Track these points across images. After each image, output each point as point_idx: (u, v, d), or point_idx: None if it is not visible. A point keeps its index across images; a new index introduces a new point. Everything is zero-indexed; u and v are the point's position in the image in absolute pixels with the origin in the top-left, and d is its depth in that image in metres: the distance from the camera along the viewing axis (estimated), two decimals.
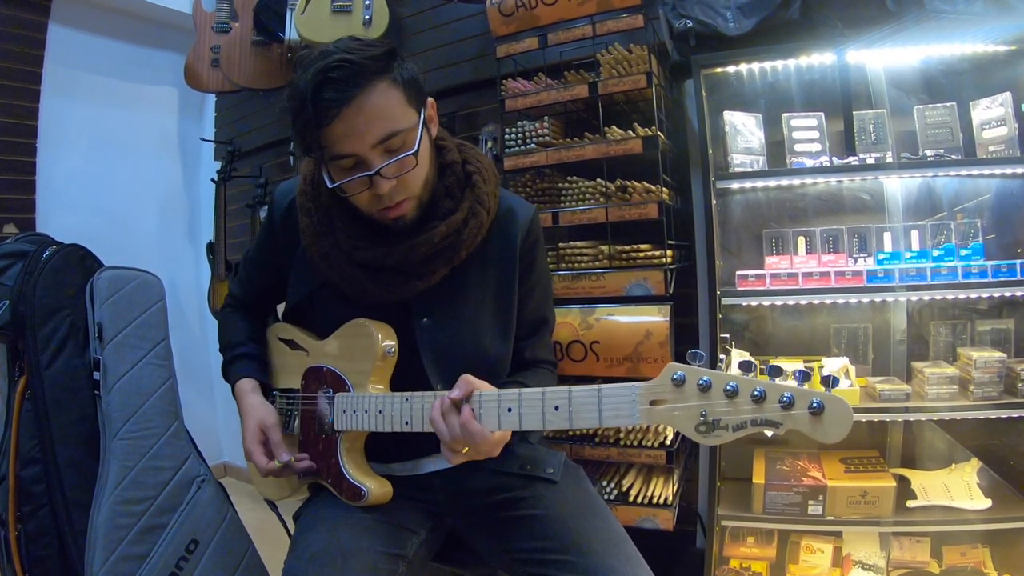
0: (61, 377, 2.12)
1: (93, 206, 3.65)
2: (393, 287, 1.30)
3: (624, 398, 0.95)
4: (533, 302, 1.46)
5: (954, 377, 1.98)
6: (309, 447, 1.38)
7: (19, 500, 2.08)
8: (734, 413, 0.87)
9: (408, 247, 1.26)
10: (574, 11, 2.22)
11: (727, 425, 0.87)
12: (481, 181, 1.35)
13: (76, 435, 2.10)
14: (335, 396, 1.34)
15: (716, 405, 0.88)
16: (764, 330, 2.37)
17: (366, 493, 1.29)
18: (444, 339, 1.34)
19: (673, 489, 2.11)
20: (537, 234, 1.45)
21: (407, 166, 1.20)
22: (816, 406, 0.85)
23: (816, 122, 2.17)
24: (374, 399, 1.28)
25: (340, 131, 1.14)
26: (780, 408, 0.84)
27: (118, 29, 3.80)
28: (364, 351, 1.32)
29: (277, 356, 1.54)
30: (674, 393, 0.91)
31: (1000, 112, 1.99)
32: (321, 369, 1.39)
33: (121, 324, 2.13)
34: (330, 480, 1.34)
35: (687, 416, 0.89)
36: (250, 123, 3.98)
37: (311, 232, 1.33)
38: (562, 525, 1.26)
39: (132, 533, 2.01)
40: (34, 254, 2.18)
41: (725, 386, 0.87)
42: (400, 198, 1.24)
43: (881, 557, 2.09)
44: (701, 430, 0.88)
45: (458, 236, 1.30)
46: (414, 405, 1.23)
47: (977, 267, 1.91)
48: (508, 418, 1.08)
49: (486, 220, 1.34)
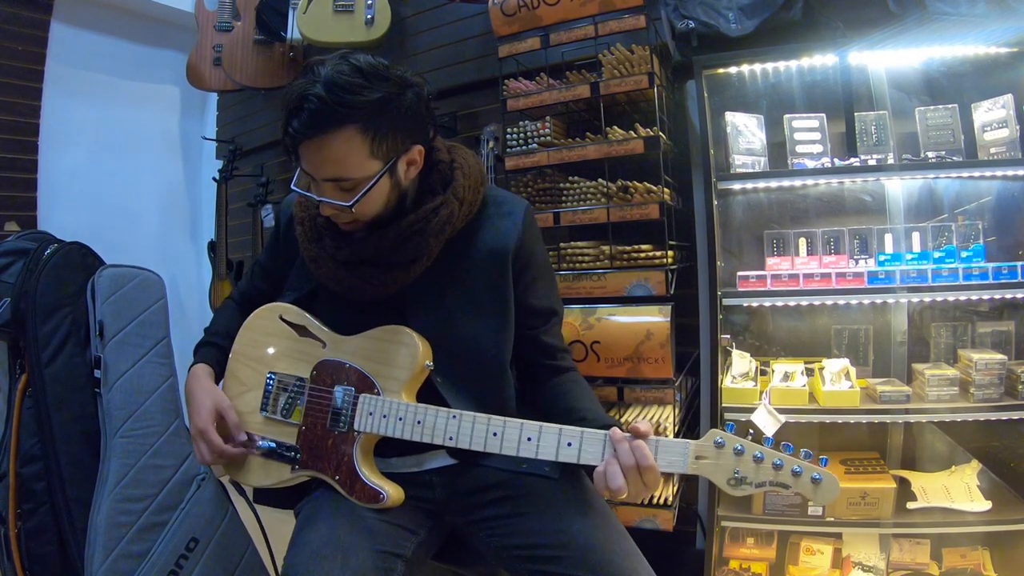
0: (62, 375, 2.12)
1: (95, 204, 3.65)
2: (374, 280, 1.32)
3: (678, 451, 1.12)
4: (538, 293, 1.45)
5: (954, 379, 1.98)
6: (312, 440, 1.36)
7: (20, 497, 2.09)
8: (757, 475, 1.08)
9: (378, 236, 1.30)
10: (576, 11, 2.22)
11: (751, 482, 1.08)
12: (460, 175, 1.36)
13: (77, 433, 2.10)
14: (359, 396, 1.32)
15: (745, 467, 1.08)
16: (765, 331, 2.37)
17: (385, 497, 1.28)
18: (438, 334, 1.35)
19: (673, 489, 2.11)
20: (532, 227, 1.45)
21: (343, 208, 1.25)
22: (816, 478, 1.05)
23: (817, 123, 2.17)
24: (412, 408, 1.27)
25: (305, 152, 1.21)
26: (791, 476, 1.06)
27: (120, 27, 3.80)
28: (404, 359, 1.31)
29: (279, 338, 1.47)
30: (715, 453, 1.10)
31: (1001, 114, 1.99)
32: (343, 365, 1.36)
33: (122, 322, 2.13)
34: (338, 478, 1.31)
35: (723, 472, 1.09)
36: (252, 122, 3.99)
37: (304, 239, 1.39)
38: (562, 523, 1.26)
39: (132, 531, 2.01)
40: (35, 252, 2.18)
41: (754, 454, 1.07)
42: (346, 220, 1.29)
43: (881, 559, 2.09)
44: (731, 483, 1.09)
45: (426, 223, 1.30)
46: (463, 424, 1.24)
47: (978, 269, 1.91)
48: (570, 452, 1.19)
49: (458, 210, 1.34)
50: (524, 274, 1.41)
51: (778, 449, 1.08)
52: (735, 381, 2.11)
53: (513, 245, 1.38)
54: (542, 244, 1.50)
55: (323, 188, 1.23)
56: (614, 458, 1.12)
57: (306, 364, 1.41)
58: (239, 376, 1.49)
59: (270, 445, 1.39)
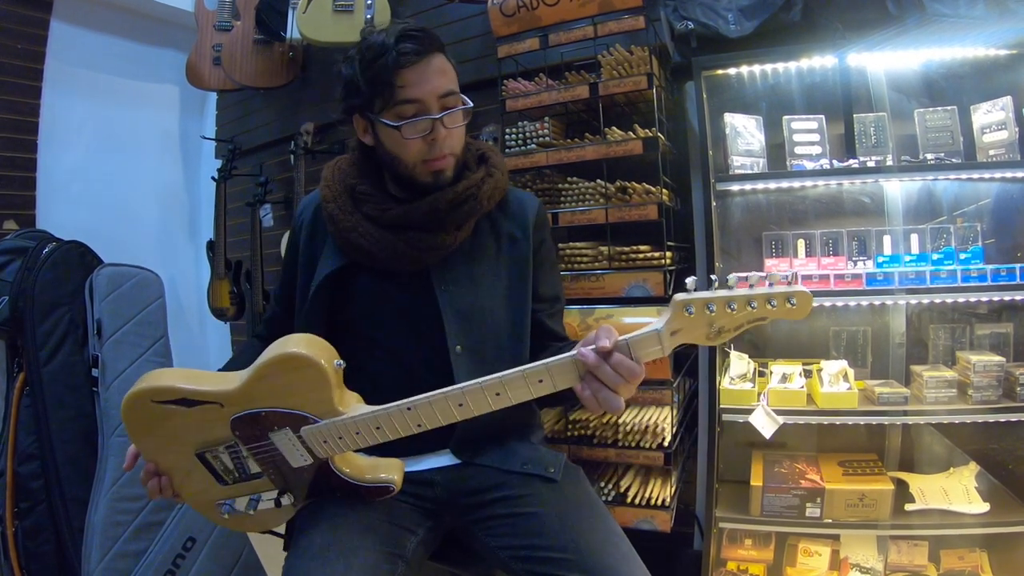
0: (60, 374, 2.12)
1: (93, 203, 3.65)
2: (422, 244, 1.37)
3: (652, 343, 1.07)
4: (544, 277, 1.52)
5: (953, 381, 1.98)
6: (288, 479, 1.27)
7: (17, 496, 2.09)
8: (734, 320, 1.05)
9: (434, 196, 1.36)
10: (576, 12, 2.22)
11: (729, 329, 1.06)
12: (494, 155, 1.52)
13: (74, 432, 2.11)
14: (300, 430, 1.20)
15: (721, 319, 1.05)
16: (763, 332, 2.37)
17: (393, 487, 1.25)
18: (466, 304, 1.40)
19: (671, 490, 2.11)
20: (545, 217, 1.57)
21: (460, 120, 1.37)
22: (792, 304, 1.04)
23: (816, 125, 2.17)
24: (362, 420, 1.17)
25: (414, 77, 1.30)
26: (769, 308, 1.04)
27: (120, 26, 3.80)
28: (312, 381, 1.18)
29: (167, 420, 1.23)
30: (688, 321, 1.05)
31: (1001, 116, 1.99)
32: (259, 414, 1.20)
33: (120, 321, 2.14)
34: (340, 495, 1.27)
35: (699, 334, 1.06)
36: (251, 121, 3.99)
37: (338, 214, 1.41)
38: (560, 523, 1.26)
39: (129, 530, 2.01)
40: (34, 250, 2.18)
41: (728, 306, 1.03)
42: (447, 151, 1.36)
43: (879, 560, 2.09)
44: (710, 338, 1.06)
45: (478, 189, 1.41)
46: (421, 410, 1.15)
47: (976, 271, 1.91)
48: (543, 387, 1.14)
49: (501, 181, 1.47)
50: (537, 258, 1.50)
51: (745, 285, 1.05)
52: (733, 382, 2.11)
53: (532, 229, 1.49)
54: (551, 234, 1.60)
55: (434, 108, 1.32)
56: (599, 384, 1.08)
57: (220, 427, 1.23)
58: (169, 464, 1.28)
59: (258, 498, 1.29)
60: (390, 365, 1.41)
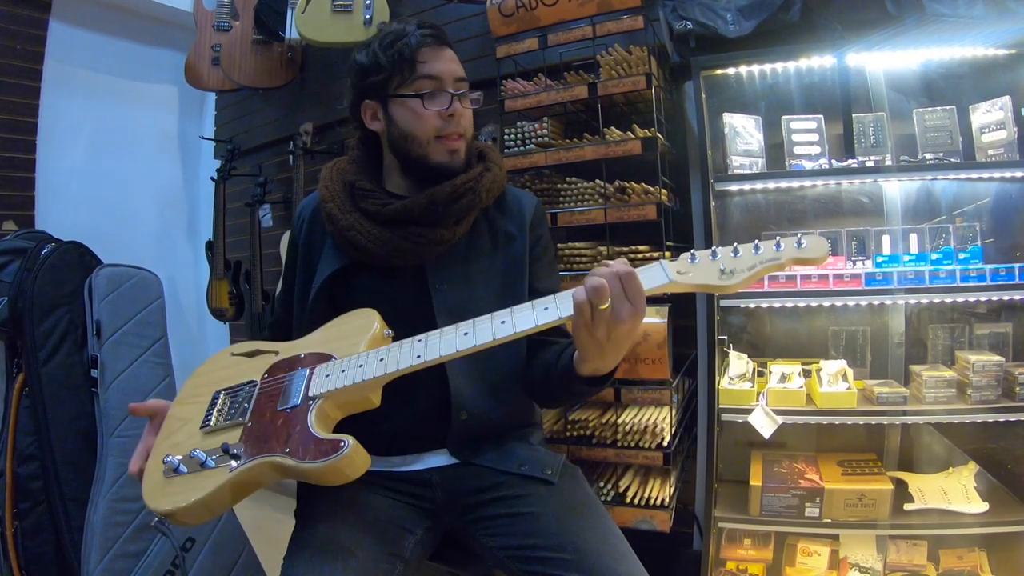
0: (59, 374, 2.12)
1: (92, 203, 3.65)
2: (421, 238, 1.38)
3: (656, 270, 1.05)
4: (543, 271, 1.53)
5: (952, 380, 1.98)
6: (258, 429, 1.18)
7: (16, 497, 2.09)
8: (743, 262, 1.02)
9: (433, 190, 1.38)
10: (574, 12, 2.22)
11: (743, 269, 1.02)
12: (492, 152, 1.54)
13: (74, 432, 2.11)
14: (315, 368, 1.22)
15: (728, 262, 1.03)
16: (762, 332, 2.37)
17: (346, 444, 1.06)
18: (459, 303, 1.39)
19: (670, 490, 2.11)
20: (542, 215, 1.59)
21: (475, 103, 1.45)
22: (800, 244, 1.01)
23: (815, 125, 2.17)
24: (370, 353, 1.18)
25: (434, 56, 1.38)
26: (775, 251, 1.02)
27: (119, 26, 3.80)
28: (359, 328, 1.30)
29: (227, 368, 1.35)
30: (692, 266, 1.04)
31: (999, 116, 1.99)
32: (298, 356, 1.28)
33: (119, 322, 2.14)
34: (288, 450, 1.10)
35: (710, 274, 1.03)
36: (250, 122, 3.99)
37: (336, 213, 1.42)
38: (559, 523, 1.26)
39: (129, 531, 2.01)
40: (33, 251, 2.18)
41: (730, 253, 1.03)
42: (461, 130, 1.41)
43: (878, 560, 2.09)
44: (723, 277, 1.02)
45: (477, 183, 1.43)
46: (430, 340, 1.14)
47: (975, 271, 1.91)
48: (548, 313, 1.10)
49: (500, 176, 1.49)
50: (535, 258, 1.51)
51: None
52: (732, 382, 2.11)
53: (528, 226, 1.50)
54: (548, 231, 1.62)
55: (453, 88, 1.39)
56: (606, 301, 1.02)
57: (257, 371, 1.30)
58: (177, 415, 1.29)
59: (200, 455, 1.14)
60: None
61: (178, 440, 1.22)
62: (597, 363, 1.14)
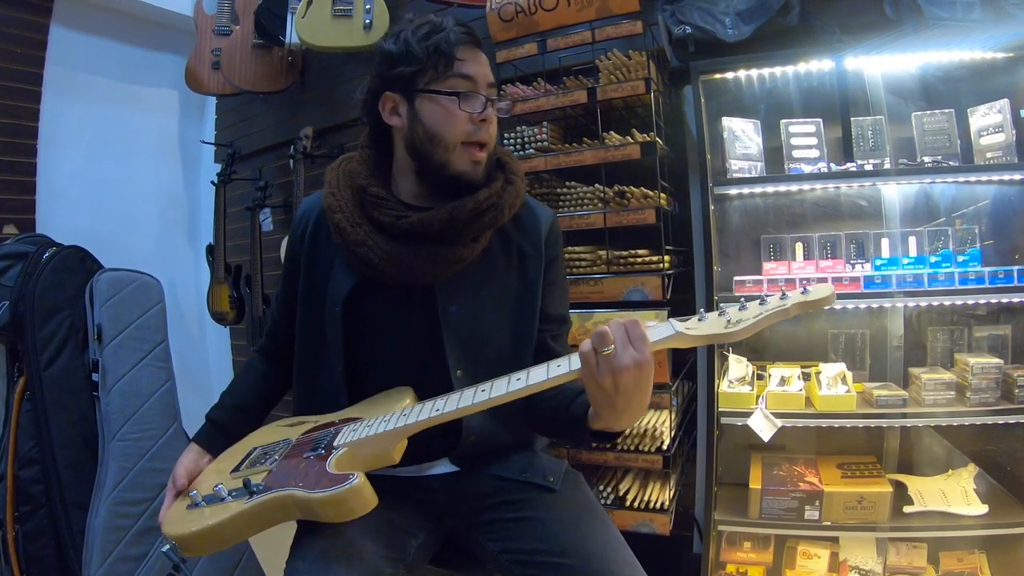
0: (60, 378, 2.13)
1: (93, 207, 3.65)
2: (439, 256, 1.31)
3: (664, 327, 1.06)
4: (554, 297, 1.48)
5: (951, 383, 1.98)
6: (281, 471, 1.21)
7: (17, 500, 2.09)
8: (749, 313, 1.03)
9: (455, 204, 1.30)
10: (574, 17, 2.23)
11: (748, 318, 1.02)
12: (511, 161, 1.46)
13: (75, 436, 2.11)
14: (344, 426, 1.27)
15: (735, 315, 1.03)
16: (761, 336, 2.37)
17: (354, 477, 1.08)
18: (468, 326, 1.36)
19: (670, 494, 2.11)
20: (558, 234, 1.52)
21: (504, 112, 1.39)
22: (805, 290, 1.02)
23: (814, 128, 2.18)
24: (394, 414, 1.22)
25: (472, 56, 1.31)
26: (779, 301, 1.02)
27: (119, 31, 3.81)
28: (393, 400, 1.31)
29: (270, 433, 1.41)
30: (700, 325, 1.04)
31: (998, 119, 2.00)
32: (332, 422, 1.32)
33: (120, 326, 2.14)
34: (303, 484, 1.13)
35: (717, 326, 1.03)
36: (250, 126, 3.99)
37: (345, 224, 1.34)
38: (561, 529, 1.26)
39: (130, 534, 2.01)
40: (34, 255, 2.19)
41: (738, 307, 1.04)
42: (488, 138, 1.34)
43: (878, 563, 2.10)
44: (729, 326, 1.02)
45: (499, 198, 1.35)
46: (449, 398, 1.17)
47: (974, 273, 1.92)
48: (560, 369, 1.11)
49: (521, 190, 1.42)
50: (545, 277, 1.46)
51: None
52: (732, 386, 2.11)
53: (544, 247, 1.45)
54: (562, 253, 1.56)
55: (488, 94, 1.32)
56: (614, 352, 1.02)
57: (295, 433, 1.35)
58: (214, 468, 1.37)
59: (220, 488, 1.20)
60: (393, 383, 1.38)
61: (208, 482, 1.28)
62: (609, 420, 1.12)
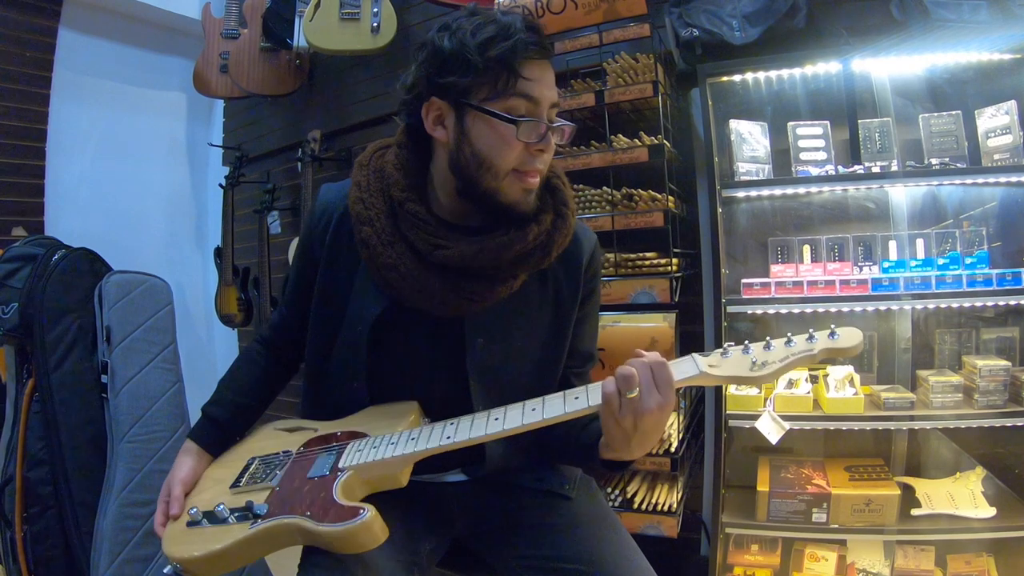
0: (69, 380, 2.13)
1: (102, 210, 3.67)
2: (475, 294, 1.20)
3: (688, 364, 1.03)
4: (586, 331, 1.41)
5: (959, 385, 1.98)
6: (285, 493, 1.17)
7: (26, 501, 2.10)
8: (774, 355, 1.01)
9: (502, 243, 1.17)
10: (581, 20, 2.23)
11: (774, 361, 1.00)
12: (564, 187, 1.31)
13: (83, 437, 2.12)
14: (347, 443, 1.21)
15: (760, 355, 1.01)
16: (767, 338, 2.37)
17: (365, 512, 1.05)
18: (495, 362, 1.27)
19: (677, 496, 2.11)
20: (599, 264, 1.40)
21: (566, 135, 1.20)
22: (834, 335, 0.99)
23: (822, 131, 2.17)
24: (403, 433, 1.17)
25: (540, 73, 1.13)
26: (807, 343, 1.00)
27: (127, 34, 3.83)
28: (398, 415, 1.25)
29: (267, 440, 1.36)
30: (723, 360, 1.02)
31: (1005, 120, 1.99)
32: (335, 434, 1.26)
33: (129, 328, 2.15)
34: (310, 513, 1.09)
35: (741, 367, 1.01)
36: (258, 129, 4.00)
37: (376, 242, 1.21)
38: (575, 535, 1.25)
39: (138, 536, 2.02)
40: (43, 257, 2.20)
41: (763, 346, 1.02)
42: (543, 166, 1.19)
43: (885, 565, 2.09)
44: (755, 368, 1.00)
45: (550, 237, 1.23)
46: (461, 424, 1.13)
47: (982, 275, 1.91)
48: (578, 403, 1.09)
49: (572, 222, 1.28)
50: (579, 312, 1.37)
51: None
52: (739, 388, 2.11)
53: (583, 280, 1.34)
54: (600, 282, 1.45)
55: (548, 116, 1.16)
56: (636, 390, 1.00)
57: (294, 443, 1.29)
58: (212, 476, 1.33)
59: (221, 509, 1.16)
60: None
61: (207, 496, 1.24)
62: (622, 453, 1.09)
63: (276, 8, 3.27)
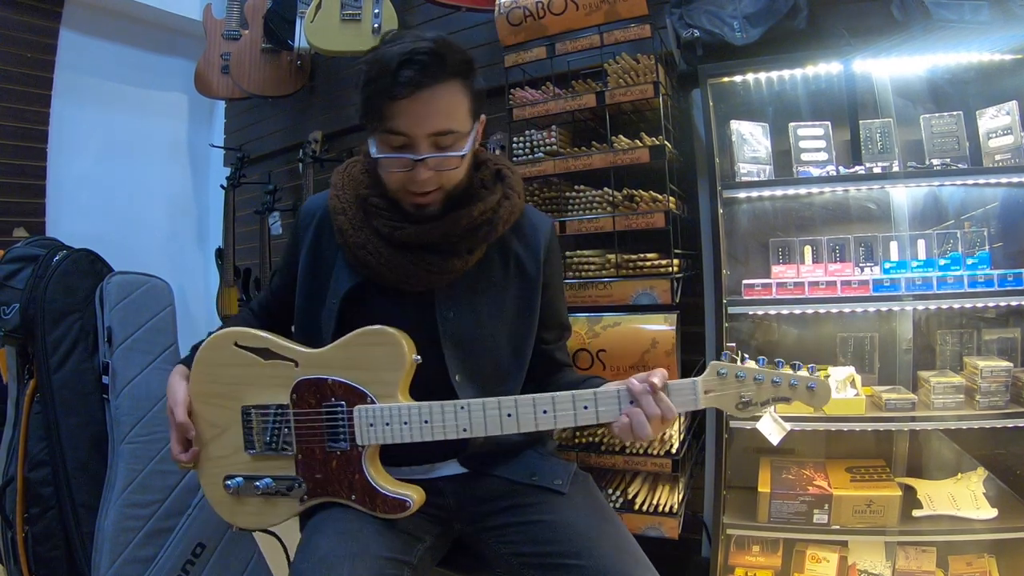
0: (70, 381, 2.13)
1: (103, 211, 3.68)
2: (434, 267, 1.33)
3: (689, 391, 1.19)
4: (555, 306, 1.52)
5: (960, 386, 1.97)
6: (312, 465, 1.29)
7: (27, 502, 2.10)
8: (760, 395, 1.17)
9: (450, 220, 1.32)
10: (582, 21, 2.23)
11: (756, 402, 1.17)
12: (511, 174, 1.46)
13: (84, 438, 2.12)
14: (352, 409, 1.25)
15: (748, 390, 1.17)
16: (770, 339, 2.37)
17: (411, 504, 1.23)
18: (466, 332, 1.38)
19: (679, 497, 2.11)
20: (557, 243, 1.54)
21: (448, 165, 1.28)
22: (811, 387, 1.16)
23: (823, 131, 2.17)
24: (415, 409, 1.23)
25: (405, 109, 1.21)
26: (790, 389, 1.16)
27: (129, 35, 3.83)
28: (390, 360, 1.26)
29: (240, 367, 1.34)
30: (719, 383, 1.18)
31: (1006, 121, 1.99)
32: (325, 381, 1.28)
33: (130, 329, 2.15)
34: (355, 497, 1.25)
35: (730, 400, 1.18)
36: (259, 130, 4.01)
37: (348, 227, 1.37)
38: (572, 529, 1.26)
39: (139, 536, 2.02)
40: (44, 258, 2.19)
41: (754, 377, 1.17)
42: (431, 188, 1.29)
43: (887, 567, 2.09)
44: (739, 407, 1.18)
45: (495, 213, 1.37)
46: (473, 412, 1.22)
47: (983, 276, 1.91)
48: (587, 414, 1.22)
49: (518, 204, 1.42)
50: (546, 287, 1.48)
51: (772, 366, 1.17)
52: None
53: (543, 257, 1.46)
54: (560, 260, 1.60)
55: (421, 146, 1.24)
56: (638, 409, 1.17)
57: (282, 389, 1.31)
58: (207, 418, 1.36)
59: (268, 483, 1.29)
60: None
61: (228, 460, 1.35)
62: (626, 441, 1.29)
63: (277, 9, 3.28)
